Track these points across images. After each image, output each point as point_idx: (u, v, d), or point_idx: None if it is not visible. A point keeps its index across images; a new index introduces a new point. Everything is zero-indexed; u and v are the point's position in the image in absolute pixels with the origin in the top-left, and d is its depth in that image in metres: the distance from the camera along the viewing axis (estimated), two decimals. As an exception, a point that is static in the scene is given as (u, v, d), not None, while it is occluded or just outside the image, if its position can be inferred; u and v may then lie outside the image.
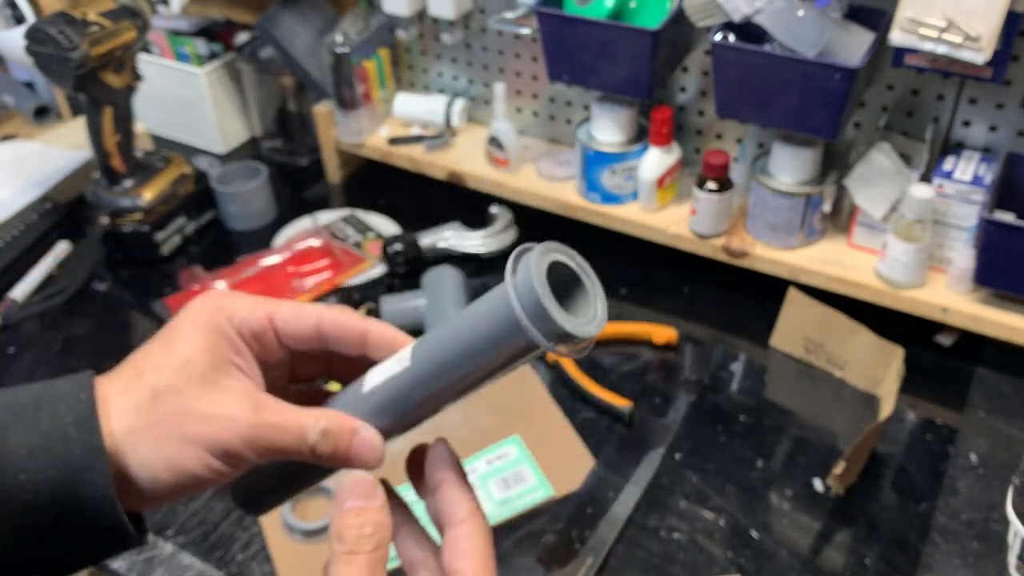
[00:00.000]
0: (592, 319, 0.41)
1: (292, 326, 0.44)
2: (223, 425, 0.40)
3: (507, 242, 1.26)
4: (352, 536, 0.40)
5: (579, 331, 0.39)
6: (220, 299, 0.44)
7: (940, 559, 0.85)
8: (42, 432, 0.39)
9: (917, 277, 1.03)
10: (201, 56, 1.45)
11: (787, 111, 1.00)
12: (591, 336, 0.40)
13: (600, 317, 0.41)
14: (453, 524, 0.42)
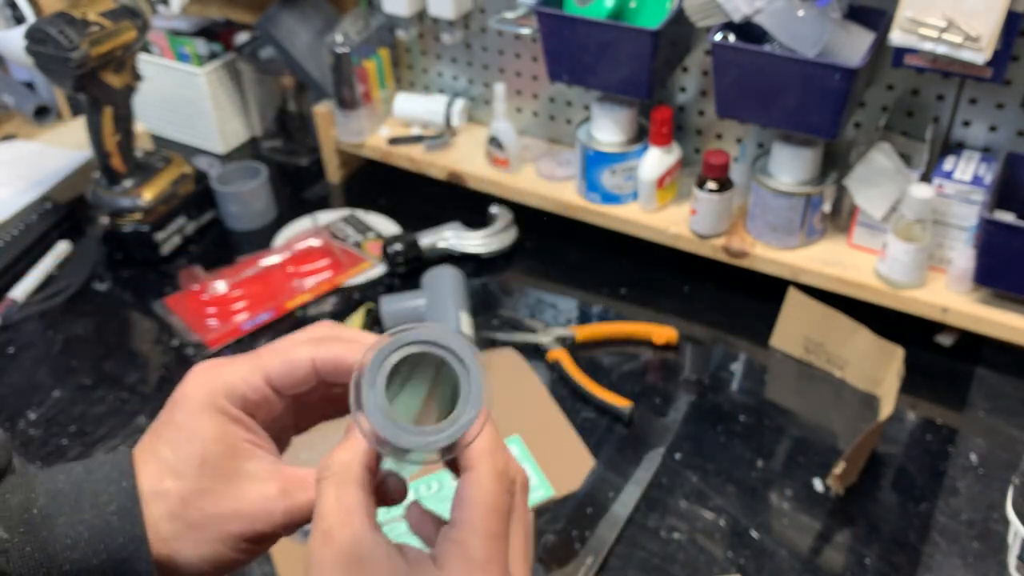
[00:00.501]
0: (454, 421, 0.37)
1: (287, 379, 0.44)
2: (258, 519, 0.41)
3: (507, 242, 1.26)
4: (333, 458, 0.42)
5: (427, 444, 0.36)
6: (212, 377, 0.43)
7: (940, 559, 0.85)
8: (85, 522, 0.39)
9: (917, 277, 1.03)
10: (201, 56, 1.45)
11: (787, 111, 1.00)
12: (446, 444, 0.36)
13: (465, 418, 0.37)
14: (462, 470, 0.40)
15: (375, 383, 0.36)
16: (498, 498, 0.39)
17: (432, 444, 0.36)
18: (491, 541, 0.38)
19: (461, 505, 0.39)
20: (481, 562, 0.38)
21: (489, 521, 0.38)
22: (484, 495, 0.39)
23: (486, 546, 0.38)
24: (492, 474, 0.39)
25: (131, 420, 1.02)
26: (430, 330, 0.37)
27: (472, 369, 0.37)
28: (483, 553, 0.38)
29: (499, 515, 0.39)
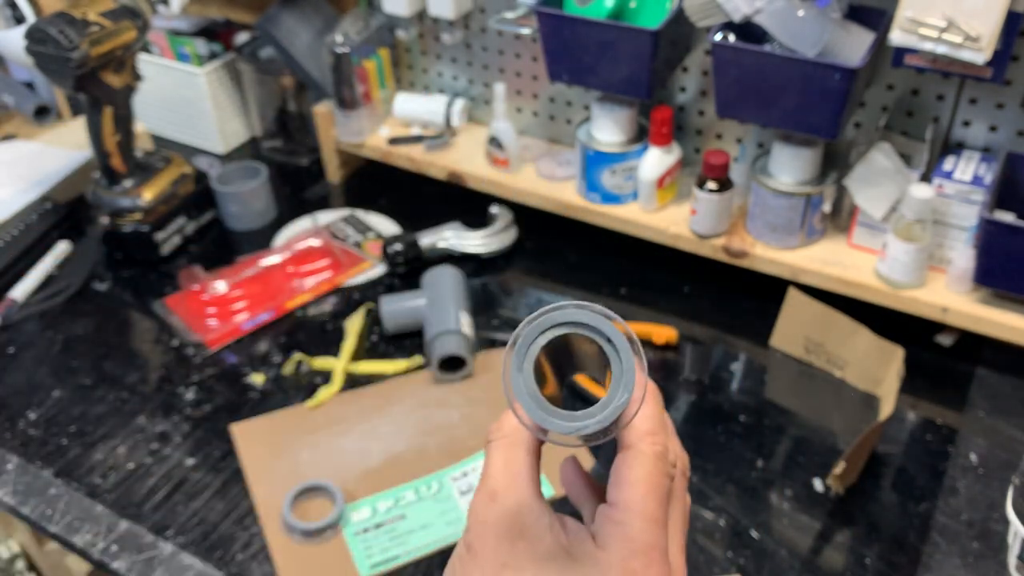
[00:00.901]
0: (606, 405, 0.35)
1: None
2: None
3: (507, 242, 1.26)
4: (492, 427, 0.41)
5: (578, 429, 0.35)
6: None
7: (940, 559, 0.85)
8: None
9: (917, 277, 1.03)
10: (201, 56, 1.45)
11: (787, 111, 1.00)
12: (596, 430, 0.35)
13: (617, 402, 0.35)
14: (620, 448, 0.39)
15: (523, 368, 0.35)
16: (658, 480, 0.37)
17: (583, 429, 0.34)
18: (652, 525, 0.36)
19: (620, 485, 0.37)
20: (642, 546, 0.36)
21: (649, 503, 0.37)
22: (643, 476, 0.37)
23: (647, 530, 0.36)
24: (651, 455, 0.38)
25: (131, 420, 1.02)
26: (577, 311, 0.36)
27: (623, 350, 0.35)
28: (644, 537, 0.36)
29: (658, 498, 0.37)
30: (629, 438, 0.38)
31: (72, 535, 0.90)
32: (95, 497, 0.94)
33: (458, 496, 0.92)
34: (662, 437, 0.39)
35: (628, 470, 0.37)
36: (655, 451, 0.38)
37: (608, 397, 0.35)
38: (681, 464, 0.41)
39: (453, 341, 1.05)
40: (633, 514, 0.36)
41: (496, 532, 0.37)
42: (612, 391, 0.35)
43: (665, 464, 0.38)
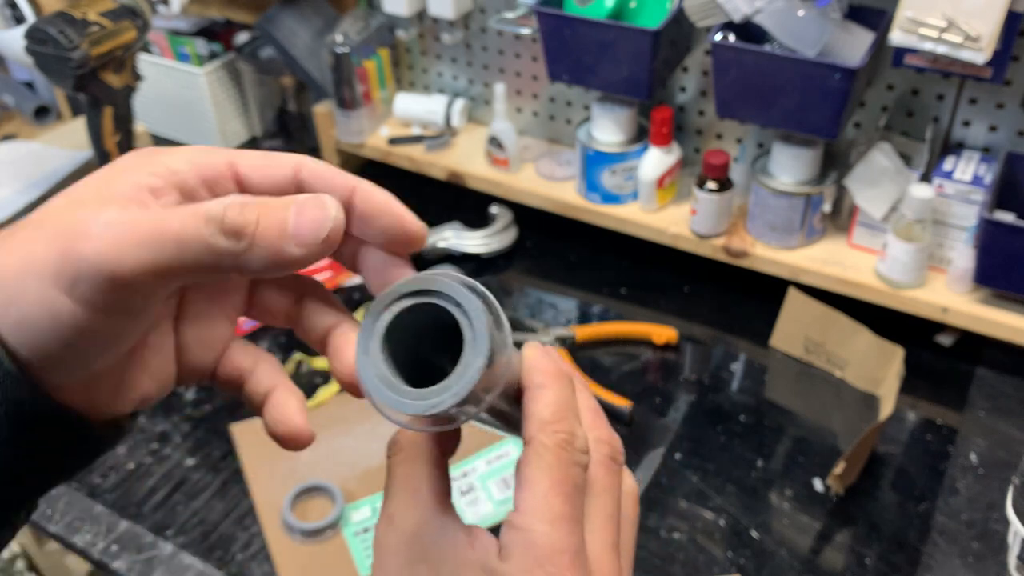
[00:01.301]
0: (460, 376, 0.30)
1: (261, 172, 0.33)
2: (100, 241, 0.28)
3: (507, 242, 1.26)
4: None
5: (434, 407, 0.30)
6: (157, 151, 0.33)
7: (940, 559, 0.85)
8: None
9: (917, 277, 1.03)
10: (201, 56, 1.45)
11: (787, 111, 1.00)
12: (454, 403, 0.30)
13: (466, 378, 0.30)
14: (523, 445, 0.35)
15: (369, 349, 0.32)
16: (562, 474, 0.33)
17: (438, 406, 0.30)
18: (557, 527, 0.32)
19: (520, 486, 0.34)
20: (547, 552, 0.32)
21: (552, 502, 0.33)
22: (544, 472, 0.33)
23: (550, 533, 0.32)
24: (551, 446, 0.33)
25: (131, 420, 1.02)
26: (425, 279, 0.32)
27: (474, 312, 0.30)
28: (548, 541, 0.32)
29: (564, 494, 0.33)
30: (528, 431, 0.34)
31: (72, 535, 0.90)
32: (95, 497, 0.94)
33: (458, 496, 0.92)
34: (565, 424, 0.34)
35: (527, 468, 0.34)
36: (556, 441, 0.34)
37: (462, 366, 0.30)
38: (608, 448, 0.37)
39: (453, 341, 1.05)
40: (534, 517, 0.33)
41: (396, 558, 0.34)
42: (465, 358, 0.30)
43: (570, 453, 0.34)
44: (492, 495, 0.93)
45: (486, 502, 0.92)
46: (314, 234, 0.30)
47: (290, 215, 0.30)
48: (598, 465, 0.36)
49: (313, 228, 0.30)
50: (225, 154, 0.33)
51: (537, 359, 0.36)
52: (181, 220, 0.29)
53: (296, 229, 0.30)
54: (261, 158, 0.34)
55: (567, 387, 0.36)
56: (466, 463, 0.96)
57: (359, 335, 0.32)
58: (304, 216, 0.30)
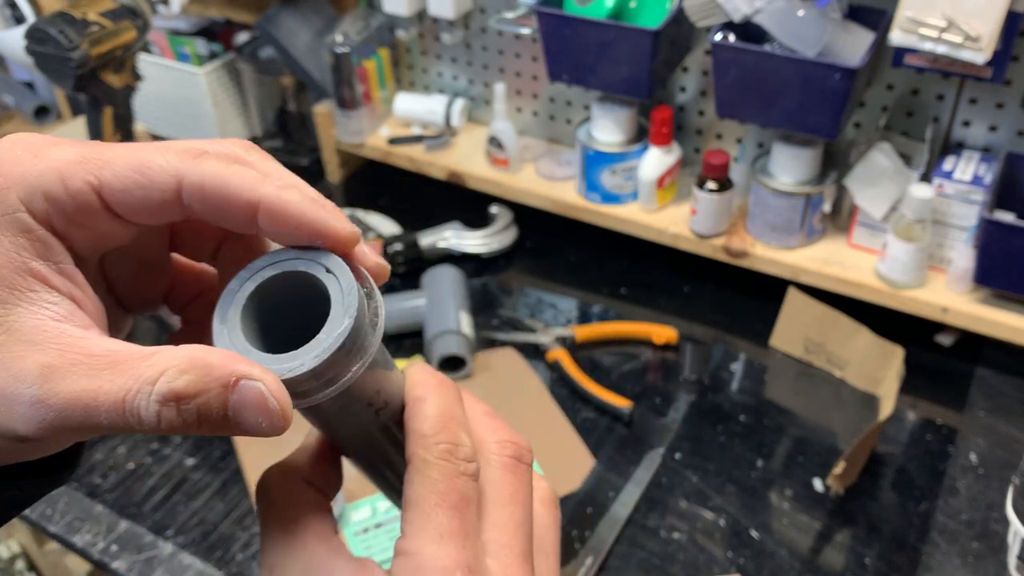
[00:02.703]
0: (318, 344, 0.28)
1: (132, 198, 0.27)
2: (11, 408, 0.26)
3: (507, 242, 1.26)
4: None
5: (294, 370, 0.27)
6: (7, 164, 0.27)
7: (940, 559, 0.85)
8: None
9: (917, 277, 1.03)
10: (201, 56, 1.45)
11: (787, 111, 1.00)
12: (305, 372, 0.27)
13: (335, 335, 0.28)
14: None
15: (227, 317, 0.28)
16: (447, 487, 0.31)
17: (298, 369, 0.27)
18: (446, 544, 0.30)
19: (405, 508, 0.31)
20: (435, 571, 0.30)
21: (438, 519, 0.30)
22: (428, 489, 0.31)
23: (439, 553, 0.30)
24: (432, 461, 0.31)
25: (131, 420, 1.02)
26: (295, 248, 0.29)
27: (341, 272, 0.29)
28: (435, 561, 0.30)
29: (450, 508, 0.31)
30: (409, 449, 0.32)
31: (72, 535, 0.90)
32: (95, 497, 0.94)
33: (458, 496, 0.92)
34: (446, 434, 0.32)
35: (409, 488, 0.31)
36: (437, 453, 0.31)
37: (329, 327, 0.28)
38: (512, 448, 0.35)
39: (453, 341, 1.05)
40: (420, 539, 0.30)
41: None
42: (332, 320, 0.28)
43: (454, 464, 0.31)
44: (492, 495, 0.93)
45: (486, 502, 0.92)
46: (257, 430, 0.27)
47: (231, 415, 0.26)
48: (502, 469, 0.34)
49: (254, 426, 0.27)
50: (85, 173, 0.27)
51: (416, 374, 0.34)
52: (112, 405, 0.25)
53: (237, 425, 0.27)
54: (132, 177, 0.27)
55: (449, 395, 0.33)
56: (466, 463, 0.96)
57: (219, 302, 0.29)
58: (243, 417, 0.26)
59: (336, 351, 0.27)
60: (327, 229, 0.29)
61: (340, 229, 0.29)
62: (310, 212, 0.28)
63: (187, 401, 0.25)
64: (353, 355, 0.28)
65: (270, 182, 0.28)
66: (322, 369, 0.27)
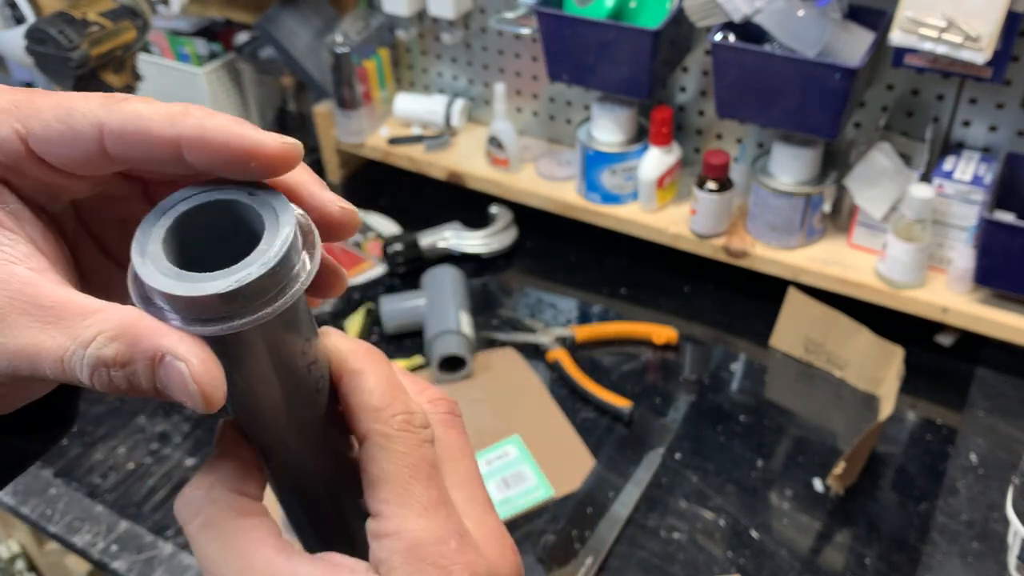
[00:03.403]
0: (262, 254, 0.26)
1: (58, 147, 0.27)
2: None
3: (507, 242, 1.26)
4: None
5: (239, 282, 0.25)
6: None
7: (940, 559, 0.85)
8: None
9: (917, 277, 1.03)
10: (201, 56, 1.45)
11: (787, 111, 1.00)
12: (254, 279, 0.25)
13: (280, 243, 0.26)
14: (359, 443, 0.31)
15: (146, 250, 0.26)
16: (416, 458, 0.30)
17: (243, 280, 0.25)
18: (431, 515, 0.29)
19: (374, 487, 0.29)
20: (430, 546, 0.29)
21: (416, 492, 0.29)
22: (396, 464, 0.29)
23: (427, 526, 0.29)
24: (394, 434, 0.30)
25: (131, 420, 1.02)
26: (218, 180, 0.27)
27: (273, 197, 0.27)
28: (428, 535, 0.29)
29: (424, 478, 0.30)
30: (362, 425, 0.30)
31: (72, 535, 0.90)
32: (95, 497, 0.94)
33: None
34: (398, 404, 0.31)
35: (373, 465, 0.30)
36: (397, 425, 0.30)
37: (268, 239, 0.26)
38: (445, 404, 0.34)
39: (453, 341, 1.05)
40: (403, 515, 0.29)
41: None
42: (270, 231, 0.26)
43: (416, 433, 0.30)
44: (492, 495, 0.92)
45: (486, 502, 0.92)
46: (188, 402, 0.26)
47: (160, 386, 0.26)
48: (444, 427, 0.33)
49: (184, 397, 0.26)
50: (15, 123, 0.27)
51: (341, 343, 0.32)
52: (53, 362, 0.25)
53: (165, 394, 0.26)
54: (56, 127, 0.27)
55: (383, 362, 0.32)
56: (466, 463, 0.96)
57: (135, 236, 0.27)
58: (172, 390, 0.26)
59: (284, 256, 0.26)
60: (255, 145, 0.26)
61: (268, 142, 0.27)
62: (234, 130, 0.26)
63: (116, 369, 0.25)
64: (295, 275, 0.27)
65: (191, 113, 0.26)
66: (268, 277, 0.26)
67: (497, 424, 1.00)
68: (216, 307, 0.25)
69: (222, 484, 0.30)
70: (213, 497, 0.30)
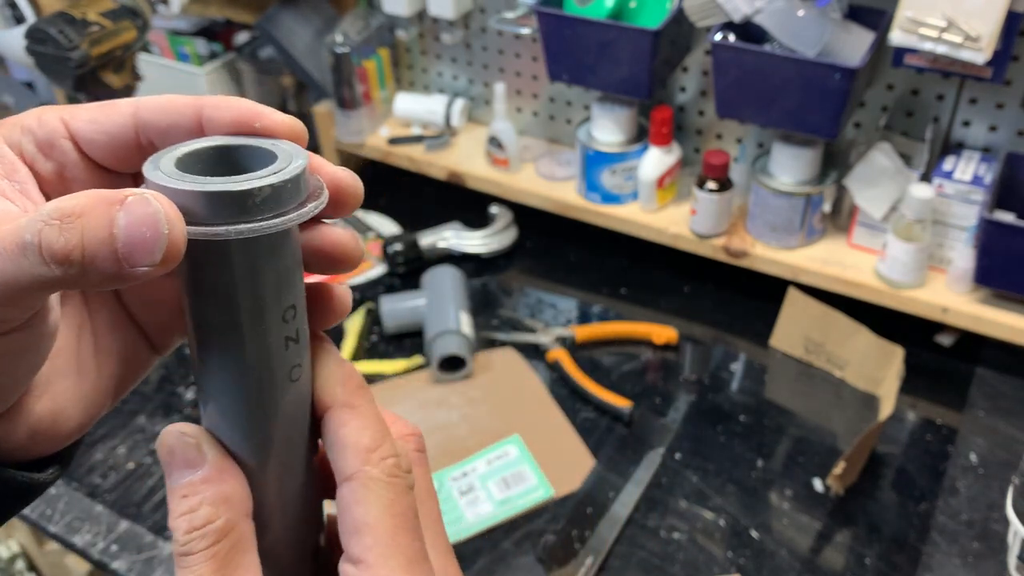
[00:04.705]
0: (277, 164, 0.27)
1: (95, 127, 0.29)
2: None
3: (507, 242, 1.26)
4: (182, 531, 0.28)
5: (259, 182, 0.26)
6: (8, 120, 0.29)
7: (940, 559, 0.85)
8: None
9: (917, 277, 1.03)
10: (201, 56, 1.45)
11: (787, 111, 1.00)
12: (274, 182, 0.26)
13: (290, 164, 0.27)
14: (340, 479, 0.30)
15: (160, 164, 0.27)
16: (403, 505, 0.30)
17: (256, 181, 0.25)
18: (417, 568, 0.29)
19: (359, 532, 0.29)
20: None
21: (403, 544, 0.29)
22: (384, 510, 0.29)
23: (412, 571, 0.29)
24: (383, 479, 0.30)
25: (131, 420, 1.02)
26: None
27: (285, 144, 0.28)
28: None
29: (408, 526, 0.30)
30: (347, 463, 0.30)
31: (72, 535, 0.90)
32: (95, 497, 0.94)
33: (458, 496, 0.92)
34: (387, 446, 0.30)
35: (361, 508, 0.29)
36: (385, 470, 0.30)
37: (282, 161, 0.27)
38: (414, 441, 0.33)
39: (453, 341, 1.05)
40: (391, 568, 0.29)
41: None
42: (283, 159, 0.27)
43: (402, 479, 0.30)
44: (492, 495, 0.93)
45: (486, 502, 0.92)
46: (149, 256, 0.24)
47: (118, 233, 0.24)
48: (415, 465, 0.32)
49: (146, 250, 0.24)
50: (60, 112, 0.29)
51: (338, 366, 0.31)
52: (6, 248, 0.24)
53: (127, 251, 0.24)
54: (97, 111, 0.29)
55: (372, 397, 0.31)
56: (466, 463, 0.96)
57: (146, 160, 0.27)
58: (132, 236, 0.24)
59: (300, 174, 0.26)
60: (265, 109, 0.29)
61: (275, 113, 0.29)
62: (248, 103, 0.29)
63: (70, 220, 0.23)
64: (301, 203, 0.27)
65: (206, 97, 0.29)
66: (280, 188, 0.26)
67: (497, 424, 1.00)
68: (227, 206, 0.25)
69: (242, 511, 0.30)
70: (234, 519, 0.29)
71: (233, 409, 0.29)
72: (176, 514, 0.28)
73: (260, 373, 0.29)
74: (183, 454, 0.29)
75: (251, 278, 0.27)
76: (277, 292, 0.28)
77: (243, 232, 0.25)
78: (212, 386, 0.29)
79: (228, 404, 0.29)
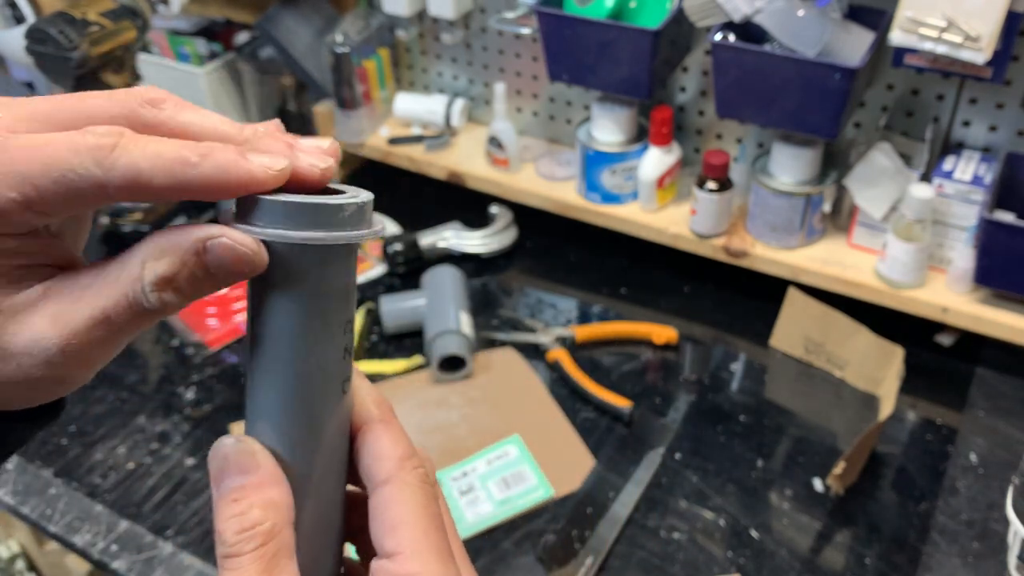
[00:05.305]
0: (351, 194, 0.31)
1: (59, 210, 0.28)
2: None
3: (507, 242, 1.26)
4: (231, 532, 0.30)
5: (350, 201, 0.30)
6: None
7: (940, 559, 0.85)
8: None
9: (917, 277, 1.03)
10: (201, 56, 1.45)
11: (787, 111, 1.00)
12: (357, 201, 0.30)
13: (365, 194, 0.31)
14: (376, 484, 0.33)
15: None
16: (433, 508, 0.33)
17: (347, 199, 0.30)
18: (445, 561, 0.32)
19: (396, 529, 0.31)
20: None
21: (433, 539, 0.32)
22: (419, 511, 0.32)
23: (448, 570, 0.32)
24: (417, 484, 0.33)
25: (131, 420, 1.02)
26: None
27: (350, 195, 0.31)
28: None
29: (438, 527, 0.32)
30: (384, 470, 0.32)
31: (72, 535, 0.90)
32: (95, 497, 0.94)
33: (458, 496, 0.92)
34: (418, 458, 0.34)
35: (398, 507, 0.32)
36: (418, 477, 0.33)
37: (352, 192, 0.31)
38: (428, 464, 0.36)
39: (453, 341, 1.05)
40: (426, 560, 0.31)
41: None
42: (351, 191, 0.31)
43: (431, 486, 0.33)
44: (492, 495, 0.93)
45: (486, 502, 0.92)
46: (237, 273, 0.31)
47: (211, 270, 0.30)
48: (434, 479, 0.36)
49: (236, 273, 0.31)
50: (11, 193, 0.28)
51: (372, 389, 0.35)
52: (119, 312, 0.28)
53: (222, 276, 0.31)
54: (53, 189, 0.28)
55: (396, 418, 0.35)
56: (466, 463, 0.96)
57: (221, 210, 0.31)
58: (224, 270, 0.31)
59: (370, 200, 0.30)
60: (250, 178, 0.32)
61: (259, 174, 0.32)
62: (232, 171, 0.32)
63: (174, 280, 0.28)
64: (368, 227, 0.31)
65: (189, 162, 0.29)
66: (363, 207, 0.30)
67: (497, 424, 1.00)
68: (325, 216, 0.29)
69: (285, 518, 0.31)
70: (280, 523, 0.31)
71: (287, 416, 0.31)
72: (225, 517, 0.30)
73: (321, 378, 0.31)
74: (238, 460, 0.30)
75: (330, 280, 0.30)
76: (342, 302, 0.31)
77: (339, 239, 0.30)
78: (270, 393, 0.31)
79: (283, 410, 0.31)
